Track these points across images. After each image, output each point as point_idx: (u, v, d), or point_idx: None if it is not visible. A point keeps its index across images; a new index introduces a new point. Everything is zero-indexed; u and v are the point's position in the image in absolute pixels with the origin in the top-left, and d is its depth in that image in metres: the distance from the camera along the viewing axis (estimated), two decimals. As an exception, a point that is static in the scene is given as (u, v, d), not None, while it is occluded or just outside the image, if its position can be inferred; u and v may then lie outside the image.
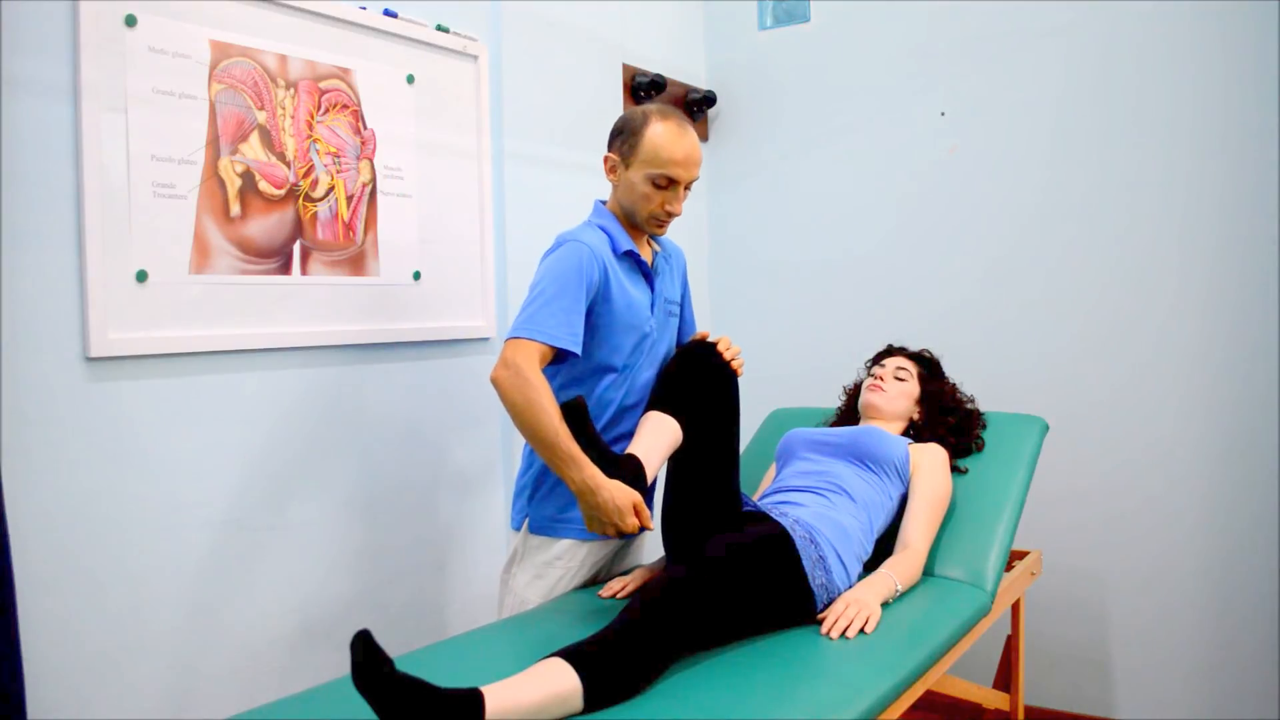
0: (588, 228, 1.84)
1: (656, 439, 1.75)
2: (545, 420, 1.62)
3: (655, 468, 1.73)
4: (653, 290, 1.89)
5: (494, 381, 1.68)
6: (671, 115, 1.80)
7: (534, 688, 1.29)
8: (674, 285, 1.99)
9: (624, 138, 1.81)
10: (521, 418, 1.65)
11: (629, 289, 1.82)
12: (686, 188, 1.82)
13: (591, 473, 1.62)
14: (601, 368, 1.83)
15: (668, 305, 1.95)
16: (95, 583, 1.66)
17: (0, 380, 1.54)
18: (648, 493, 1.69)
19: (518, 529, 1.92)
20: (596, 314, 1.77)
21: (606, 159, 1.85)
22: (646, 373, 1.89)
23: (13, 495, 1.51)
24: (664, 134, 1.77)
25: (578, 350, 1.72)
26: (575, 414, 1.65)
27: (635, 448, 1.72)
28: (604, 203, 1.91)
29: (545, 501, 1.86)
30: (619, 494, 1.62)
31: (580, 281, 1.72)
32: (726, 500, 1.82)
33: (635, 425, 1.85)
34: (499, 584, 1.97)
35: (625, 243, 1.83)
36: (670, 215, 1.83)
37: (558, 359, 1.75)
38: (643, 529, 1.66)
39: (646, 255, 1.90)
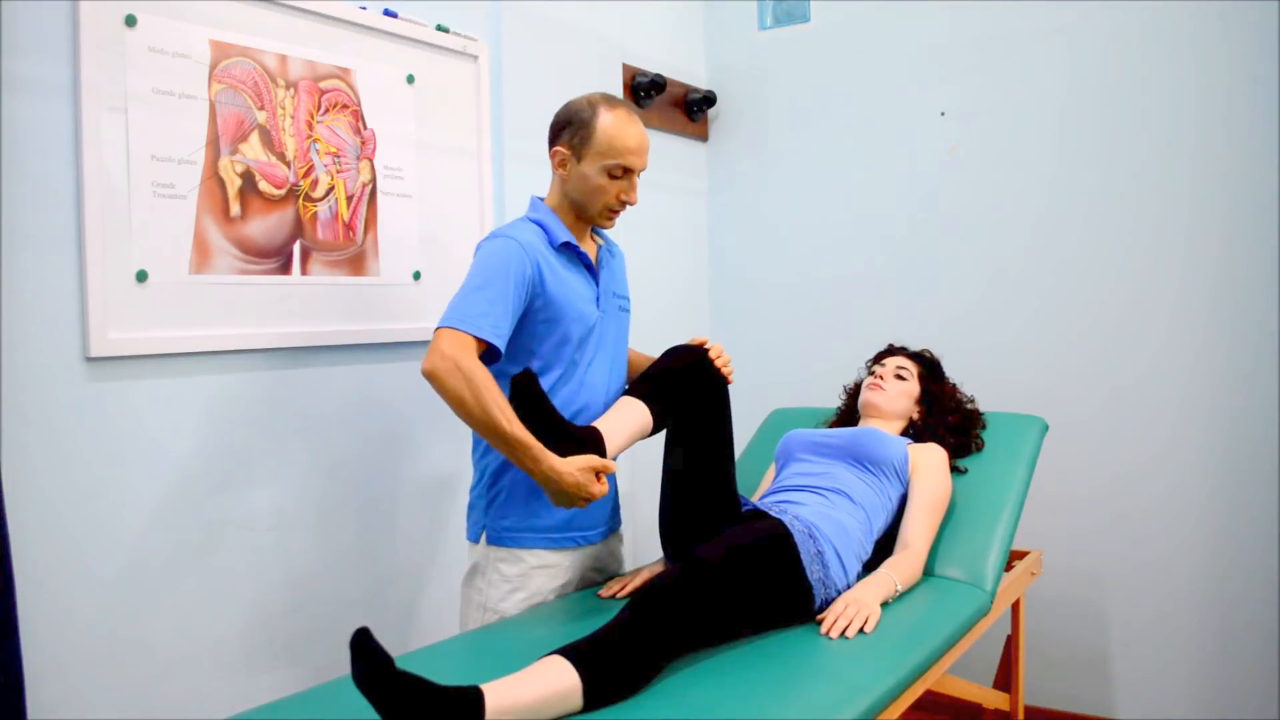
0: (521, 223, 1.78)
1: (624, 418, 1.71)
2: (491, 410, 1.55)
3: (618, 448, 1.68)
4: (597, 283, 1.84)
5: (428, 374, 1.57)
6: (619, 103, 1.77)
7: (534, 685, 1.30)
8: (621, 280, 1.94)
9: (573, 130, 1.75)
10: (464, 408, 1.57)
11: (568, 280, 1.76)
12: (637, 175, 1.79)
13: (550, 463, 1.57)
14: (547, 365, 1.76)
15: (617, 300, 1.89)
16: (95, 582, 1.67)
17: (0, 380, 1.54)
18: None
19: (474, 541, 1.83)
20: (536, 309, 1.72)
21: (555, 153, 1.79)
22: (597, 372, 1.81)
23: (13, 494, 1.51)
24: (615, 123, 1.73)
25: (500, 345, 1.64)
26: (526, 389, 1.59)
27: (599, 423, 1.69)
28: (542, 199, 1.85)
29: (504, 511, 1.79)
30: (579, 470, 1.59)
31: (508, 276, 1.65)
32: (725, 506, 1.81)
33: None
34: (460, 598, 1.88)
35: (563, 234, 1.77)
36: (625, 205, 1.80)
37: (495, 356, 1.66)
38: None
39: (589, 249, 1.85)
